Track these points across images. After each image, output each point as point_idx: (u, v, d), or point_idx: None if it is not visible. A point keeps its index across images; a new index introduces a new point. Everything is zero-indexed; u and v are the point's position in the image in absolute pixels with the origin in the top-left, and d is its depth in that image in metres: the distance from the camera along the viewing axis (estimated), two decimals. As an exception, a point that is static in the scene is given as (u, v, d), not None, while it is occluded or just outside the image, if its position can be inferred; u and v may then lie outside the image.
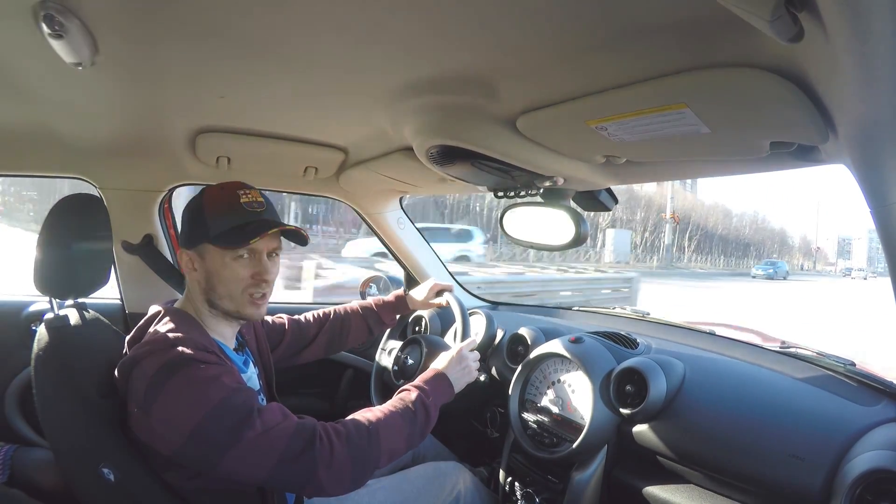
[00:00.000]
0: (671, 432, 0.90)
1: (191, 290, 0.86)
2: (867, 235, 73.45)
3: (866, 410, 0.82)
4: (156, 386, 0.70)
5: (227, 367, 0.76)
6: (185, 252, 0.83)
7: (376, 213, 1.63)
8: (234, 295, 0.82)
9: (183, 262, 0.84)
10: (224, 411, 0.69)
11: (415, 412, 0.83)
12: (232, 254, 0.81)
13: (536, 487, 1.05)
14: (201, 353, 0.74)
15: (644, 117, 0.62)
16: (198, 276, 0.83)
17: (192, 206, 0.85)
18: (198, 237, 0.82)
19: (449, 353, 0.98)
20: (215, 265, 0.81)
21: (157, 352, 0.73)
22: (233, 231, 0.80)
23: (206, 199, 0.83)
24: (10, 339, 1.30)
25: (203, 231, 0.81)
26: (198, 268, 0.83)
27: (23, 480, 0.94)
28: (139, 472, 0.75)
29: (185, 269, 0.84)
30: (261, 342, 1.04)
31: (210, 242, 0.81)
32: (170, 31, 0.63)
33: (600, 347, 1.06)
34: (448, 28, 0.56)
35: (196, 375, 0.70)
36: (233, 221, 0.81)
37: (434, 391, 0.88)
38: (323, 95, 0.84)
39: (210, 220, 0.81)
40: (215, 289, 0.82)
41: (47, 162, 1.26)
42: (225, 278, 0.81)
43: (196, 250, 0.82)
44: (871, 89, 0.42)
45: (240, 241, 0.80)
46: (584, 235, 1.03)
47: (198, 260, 0.83)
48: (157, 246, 1.38)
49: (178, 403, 0.69)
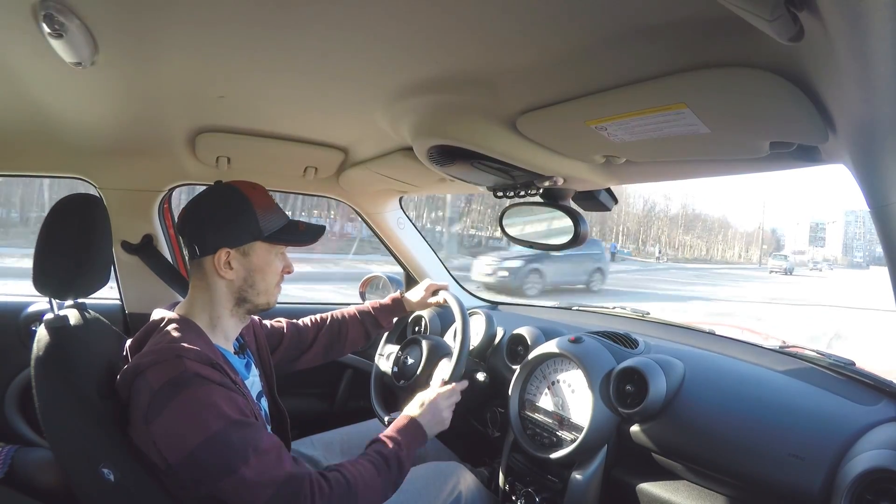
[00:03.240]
0: (671, 432, 0.90)
1: (212, 290, 0.84)
2: (843, 219, 66.84)
3: (866, 410, 0.82)
4: (159, 402, 0.71)
5: (230, 388, 0.76)
6: (226, 250, 0.82)
7: (376, 213, 1.63)
8: (270, 288, 0.88)
9: (221, 261, 0.82)
10: (220, 443, 0.70)
11: (389, 468, 0.85)
12: (276, 250, 0.87)
13: (536, 487, 1.05)
14: (207, 368, 0.74)
15: (644, 117, 0.62)
16: (234, 275, 0.83)
17: (233, 203, 0.84)
18: (248, 235, 0.83)
19: (426, 396, 0.99)
20: (261, 262, 0.86)
21: (162, 363, 0.73)
22: (285, 230, 0.87)
23: (252, 199, 0.84)
24: (10, 339, 1.30)
25: (255, 229, 0.83)
26: (236, 266, 0.83)
27: (23, 480, 0.94)
28: (139, 473, 0.75)
29: (217, 268, 0.82)
30: (261, 344, 1.04)
31: (263, 240, 0.84)
32: (169, 30, 0.63)
33: (600, 347, 1.06)
34: (448, 28, 0.56)
35: (200, 398, 0.71)
36: (280, 220, 0.87)
37: (408, 442, 0.90)
38: (323, 95, 0.84)
39: (261, 218, 0.84)
40: (255, 285, 0.86)
41: (47, 162, 1.26)
42: (268, 274, 0.87)
43: (241, 249, 0.83)
44: (871, 89, 0.42)
45: (303, 240, 0.89)
46: (585, 235, 1.04)
47: (240, 258, 0.84)
48: (156, 246, 1.38)
49: (178, 425, 0.70)
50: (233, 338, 0.90)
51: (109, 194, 1.31)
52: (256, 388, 0.93)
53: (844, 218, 66.76)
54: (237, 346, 0.94)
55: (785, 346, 1.09)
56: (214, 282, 0.84)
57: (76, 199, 0.92)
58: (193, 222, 0.84)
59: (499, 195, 1.10)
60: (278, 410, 1.02)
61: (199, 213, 0.84)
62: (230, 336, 0.89)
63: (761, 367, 1.01)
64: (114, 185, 1.32)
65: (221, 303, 0.85)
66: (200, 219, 0.84)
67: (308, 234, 0.90)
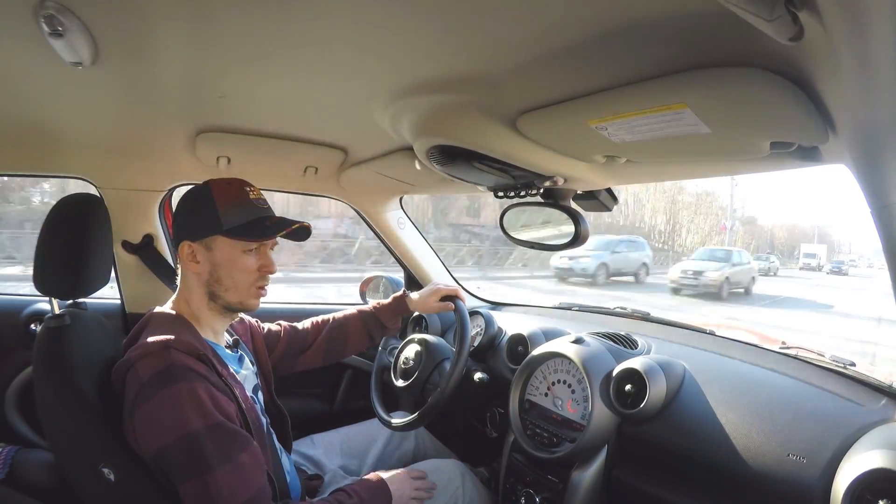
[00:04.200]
0: (671, 432, 0.90)
1: (188, 284, 0.86)
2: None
3: (866, 410, 0.82)
4: (145, 393, 0.71)
5: (216, 383, 0.76)
6: (188, 243, 0.83)
7: (376, 213, 1.63)
8: (240, 287, 0.85)
9: (183, 253, 0.84)
10: (194, 442, 0.69)
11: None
12: (244, 246, 0.84)
13: (536, 487, 1.05)
14: (193, 360, 0.74)
15: (644, 117, 0.62)
16: (200, 269, 0.84)
17: (197, 198, 0.85)
18: (206, 229, 0.83)
19: (401, 471, 0.97)
20: (224, 257, 0.83)
21: (151, 355, 0.74)
22: (249, 225, 0.83)
23: (215, 192, 0.84)
24: (10, 339, 1.30)
25: (214, 223, 0.82)
26: (201, 260, 0.84)
27: (23, 481, 0.94)
28: (139, 472, 0.75)
29: (184, 261, 0.84)
30: (258, 346, 1.05)
31: (222, 234, 0.83)
32: (169, 30, 0.63)
33: (600, 347, 1.06)
34: (448, 28, 0.56)
35: (183, 393, 0.71)
36: (247, 216, 0.84)
37: (372, 501, 0.87)
38: (323, 95, 0.84)
39: (222, 212, 0.83)
40: (221, 281, 0.84)
41: (47, 162, 1.26)
42: (234, 270, 0.84)
43: (202, 242, 0.83)
44: (871, 89, 0.42)
45: (263, 235, 0.84)
46: (585, 235, 1.04)
47: (203, 252, 0.84)
48: (156, 246, 1.38)
49: (157, 417, 0.70)
50: (220, 332, 0.90)
51: (110, 194, 1.31)
52: (251, 381, 0.94)
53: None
54: (230, 341, 0.95)
55: (785, 346, 1.08)
56: (187, 274, 0.86)
57: (76, 199, 0.93)
58: (173, 216, 0.89)
59: (499, 195, 1.10)
60: (278, 411, 1.02)
61: (176, 208, 0.88)
62: (217, 330, 0.89)
63: (761, 368, 1.01)
64: (114, 185, 1.32)
65: (196, 295, 0.86)
66: (175, 213, 0.88)
67: (272, 228, 0.84)
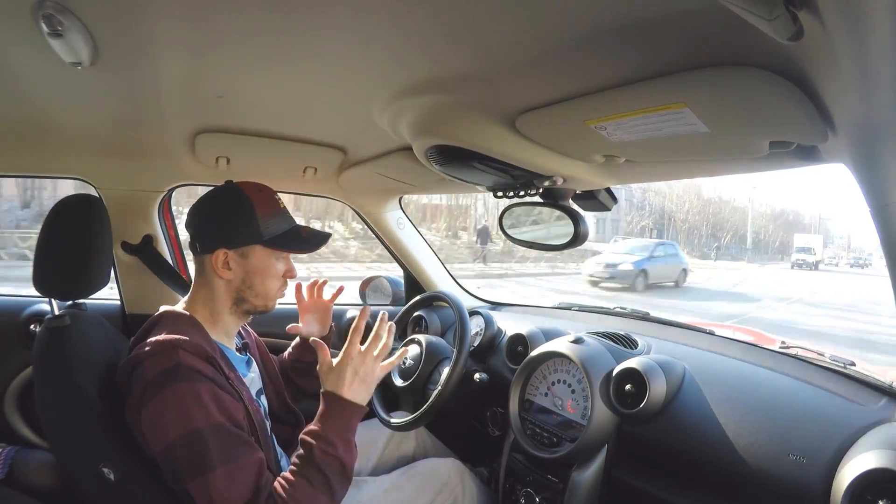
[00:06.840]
0: (671, 432, 0.90)
1: (212, 288, 0.85)
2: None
3: (866, 410, 0.82)
4: (152, 389, 0.71)
5: (222, 385, 0.76)
6: (224, 251, 0.83)
7: (376, 213, 1.63)
8: (269, 292, 0.88)
9: (218, 261, 0.83)
10: (198, 441, 0.69)
11: (327, 477, 0.73)
12: (278, 255, 0.87)
13: (536, 487, 1.05)
14: (201, 362, 0.74)
15: (643, 117, 0.62)
16: (232, 275, 0.84)
17: (234, 204, 0.85)
18: (247, 238, 0.84)
19: (335, 363, 0.81)
20: (260, 265, 0.85)
21: (159, 353, 0.74)
22: (287, 235, 0.87)
23: (255, 202, 0.85)
24: (10, 339, 1.30)
25: (255, 232, 0.84)
26: (234, 267, 0.84)
27: (22, 481, 0.94)
28: (139, 472, 0.75)
29: (217, 268, 0.84)
30: (264, 355, 1.06)
31: (262, 244, 0.84)
32: (168, 30, 0.63)
33: (600, 347, 1.06)
34: (447, 28, 0.56)
35: (188, 392, 0.71)
36: (284, 225, 0.88)
37: (338, 432, 0.77)
38: (322, 95, 0.84)
39: (262, 222, 0.84)
40: (253, 287, 0.86)
41: (47, 162, 1.26)
42: (267, 278, 0.87)
43: (239, 250, 0.84)
44: (870, 89, 0.42)
45: (304, 248, 0.88)
46: (584, 235, 1.03)
47: (237, 259, 0.84)
48: (156, 247, 1.38)
49: (163, 415, 0.70)
50: (233, 334, 0.91)
51: (109, 195, 1.31)
52: (256, 385, 0.94)
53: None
54: (239, 343, 0.95)
55: (785, 346, 1.08)
56: (213, 280, 0.85)
57: (76, 199, 0.93)
58: (198, 219, 0.86)
59: (498, 195, 1.10)
60: (292, 413, 1.03)
61: (203, 212, 0.87)
62: (230, 332, 0.89)
63: (761, 368, 1.00)
64: (113, 186, 1.32)
65: (221, 300, 0.86)
66: (204, 217, 0.86)
67: (311, 241, 0.90)
